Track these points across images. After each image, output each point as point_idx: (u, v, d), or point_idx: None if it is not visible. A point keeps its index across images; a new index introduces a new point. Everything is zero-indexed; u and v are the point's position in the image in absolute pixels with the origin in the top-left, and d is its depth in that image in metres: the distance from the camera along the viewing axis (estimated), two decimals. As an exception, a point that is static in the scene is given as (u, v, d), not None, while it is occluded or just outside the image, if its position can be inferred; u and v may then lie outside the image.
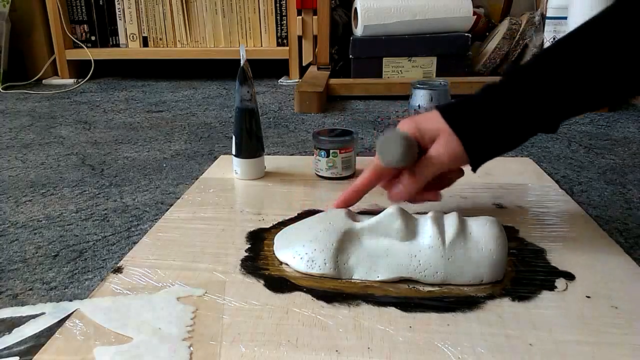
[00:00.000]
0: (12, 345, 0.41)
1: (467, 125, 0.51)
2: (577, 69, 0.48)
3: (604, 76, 0.48)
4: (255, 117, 0.73)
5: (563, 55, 0.49)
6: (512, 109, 0.50)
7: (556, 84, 0.49)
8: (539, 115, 0.50)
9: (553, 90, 0.49)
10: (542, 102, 0.49)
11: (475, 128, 0.51)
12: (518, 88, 0.50)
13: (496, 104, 0.51)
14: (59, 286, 0.50)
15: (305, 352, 0.39)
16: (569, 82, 0.49)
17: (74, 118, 1.23)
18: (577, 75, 0.48)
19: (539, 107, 0.50)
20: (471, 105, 0.52)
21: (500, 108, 0.51)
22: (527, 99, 0.50)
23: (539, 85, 0.49)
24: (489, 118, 0.51)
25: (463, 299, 0.45)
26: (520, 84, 0.50)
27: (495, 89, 0.52)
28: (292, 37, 1.63)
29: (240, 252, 0.54)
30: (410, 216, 0.50)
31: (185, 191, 0.72)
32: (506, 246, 0.48)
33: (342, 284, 0.48)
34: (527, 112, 0.50)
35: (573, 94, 0.49)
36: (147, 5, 1.69)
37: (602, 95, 0.51)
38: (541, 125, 0.51)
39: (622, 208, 0.66)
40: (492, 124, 0.51)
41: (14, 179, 0.81)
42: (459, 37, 1.38)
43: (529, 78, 0.50)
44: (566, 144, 0.94)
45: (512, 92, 0.50)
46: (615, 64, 0.48)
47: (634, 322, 0.42)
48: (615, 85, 0.49)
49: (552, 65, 0.49)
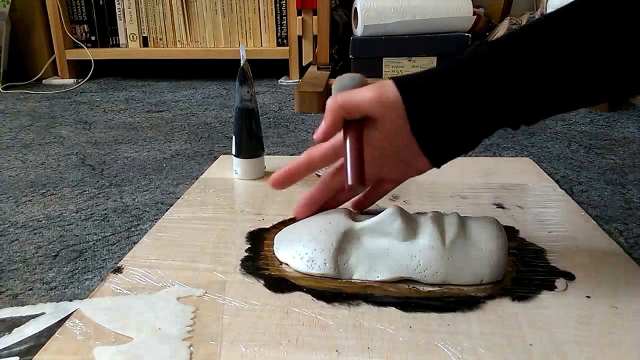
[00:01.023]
0: (12, 345, 0.41)
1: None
2: (553, 60, 0.41)
3: (587, 71, 0.41)
4: (255, 117, 0.73)
5: (539, 39, 0.42)
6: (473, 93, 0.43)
7: (522, 76, 0.42)
8: (502, 109, 0.43)
9: (517, 82, 0.42)
10: (506, 94, 0.43)
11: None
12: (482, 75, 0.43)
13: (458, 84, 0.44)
14: (59, 286, 0.50)
15: (305, 352, 0.39)
16: (541, 75, 0.42)
17: (74, 118, 1.23)
18: (551, 67, 0.41)
19: (502, 101, 0.43)
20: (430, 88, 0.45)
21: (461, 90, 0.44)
22: (491, 88, 0.43)
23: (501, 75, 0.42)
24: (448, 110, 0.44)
25: (463, 299, 0.45)
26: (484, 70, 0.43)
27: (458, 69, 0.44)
28: (292, 37, 1.63)
29: (240, 252, 0.54)
30: (410, 216, 0.50)
31: (185, 191, 0.72)
32: (506, 246, 0.48)
33: (342, 284, 0.48)
34: (490, 105, 0.43)
35: (542, 90, 0.42)
36: (147, 5, 1.69)
37: (581, 93, 0.43)
38: (506, 116, 0.44)
39: (622, 208, 0.66)
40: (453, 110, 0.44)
41: (14, 179, 0.81)
42: (459, 37, 1.38)
43: (493, 65, 0.43)
44: (566, 144, 0.94)
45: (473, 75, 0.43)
46: (600, 55, 0.41)
47: (634, 322, 0.42)
48: (600, 81, 0.42)
49: (525, 49, 0.42)
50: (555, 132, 1.02)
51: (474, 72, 0.44)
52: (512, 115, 0.45)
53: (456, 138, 0.46)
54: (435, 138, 0.46)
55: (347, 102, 0.47)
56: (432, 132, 0.46)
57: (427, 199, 0.66)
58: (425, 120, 0.45)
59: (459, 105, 0.44)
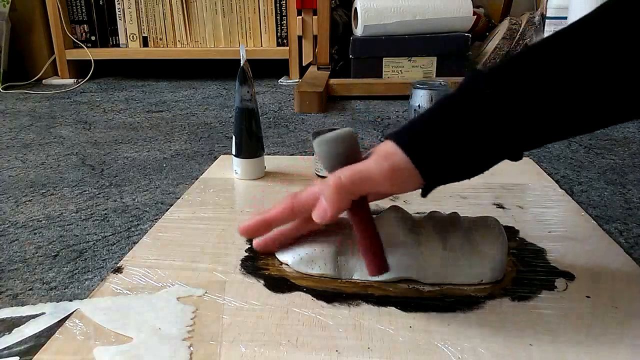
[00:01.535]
0: (12, 345, 0.41)
1: (416, 139, 0.41)
2: (549, 85, 0.39)
3: (586, 98, 0.39)
4: (255, 117, 0.73)
5: (535, 65, 0.40)
6: (469, 126, 0.41)
7: (522, 98, 0.39)
8: (502, 136, 0.41)
9: (518, 105, 0.39)
10: (505, 118, 0.40)
11: (429, 146, 0.41)
12: (477, 100, 0.40)
13: (452, 119, 0.41)
14: (59, 286, 0.50)
15: (305, 352, 0.39)
16: (539, 98, 0.39)
17: (74, 118, 1.23)
18: (547, 93, 0.39)
19: (501, 127, 0.40)
20: (424, 123, 0.43)
21: (456, 124, 0.41)
22: (488, 116, 0.40)
23: (501, 98, 0.40)
24: (444, 135, 0.41)
25: (463, 299, 0.45)
26: (480, 95, 0.40)
27: (452, 102, 0.42)
28: (292, 37, 1.63)
29: (240, 252, 0.54)
30: (411, 216, 0.50)
31: (185, 191, 0.72)
32: (506, 246, 0.48)
33: (342, 284, 0.48)
34: (488, 131, 0.41)
35: (540, 118, 0.40)
36: (147, 5, 1.69)
37: (580, 120, 0.41)
38: (504, 153, 0.43)
39: (622, 208, 0.66)
40: (448, 142, 0.41)
41: (14, 179, 0.81)
42: (459, 37, 1.38)
43: (490, 90, 0.40)
44: (566, 144, 0.94)
45: (469, 105, 0.41)
46: (601, 80, 0.38)
47: (634, 322, 0.42)
48: (598, 109, 0.40)
49: (521, 74, 0.40)
50: (555, 132, 1.01)
51: (473, 109, 0.41)
52: (512, 147, 0.43)
53: (457, 170, 0.43)
54: (433, 164, 0.42)
55: (357, 185, 0.42)
56: (430, 157, 0.42)
57: (427, 199, 0.66)
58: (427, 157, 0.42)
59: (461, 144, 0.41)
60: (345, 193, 0.42)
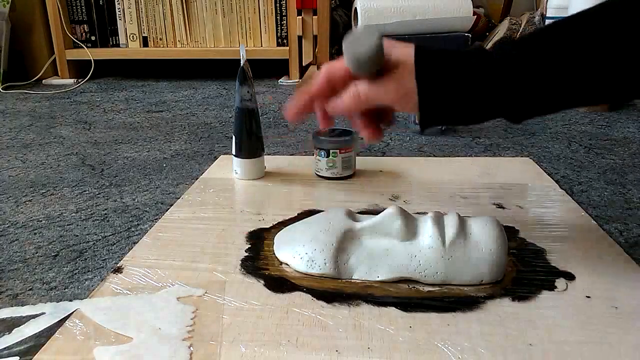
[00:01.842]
0: (12, 345, 0.41)
1: (432, 74, 0.47)
2: (563, 61, 0.45)
3: (591, 72, 0.44)
4: (255, 117, 0.73)
5: (551, 41, 0.46)
6: (485, 83, 0.47)
7: (538, 74, 0.45)
8: (510, 99, 0.47)
9: (533, 78, 0.45)
10: (517, 87, 0.46)
11: (439, 83, 0.47)
12: (498, 64, 0.46)
13: (471, 69, 0.47)
14: (59, 286, 0.50)
15: (305, 352, 0.39)
16: (554, 73, 0.45)
17: (74, 118, 1.23)
18: (560, 67, 0.45)
19: (512, 92, 0.46)
20: (447, 59, 0.49)
21: (472, 75, 0.47)
22: (503, 79, 0.46)
23: (519, 69, 0.46)
24: (458, 80, 0.47)
25: (463, 299, 0.45)
26: (503, 60, 0.46)
27: (478, 56, 0.48)
28: (292, 37, 1.63)
29: (240, 252, 0.54)
30: (411, 216, 0.50)
31: (185, 191, 0.72)
32: (506, 246, 0.48)
33: (342, 284, 0.48)
34: (499, 92, 0.46)
35: (555, 87, 0.46)
36: (147, 5, 1.69)
37: (585, 93, 0.46)
38: (507, 111, 0.48)
39: (622, 208, 0.66)
40: (458, 87, 0.47)
41: (14, 179, 0.81)
42: (459, 37, 1.38)
43: (514, 58, 0.46)
44: (566, 144, 0.94)
45: (491, 66, 0.47)
46: (608, 60, 0.44)
47: (634, 322, 0.42)
48: (599, 83, 0.45)
49: (538, 50, 0.45)
50: (555, 132, 1.02)
51: (487, 59, 0.47)
52: (514, 104, 0.47)
53: (455, 105, 0.48)
54: (436, 102, 0.48)
55: (372, 102, 0.49)
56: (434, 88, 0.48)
57: (427, 199, 0.66)
58: (431, 79, 0.48)
59: (467, 77, 0.47)
60: (363, 103, 0.50)
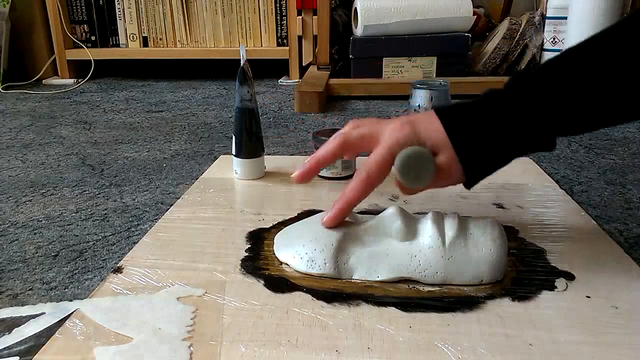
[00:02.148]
0: (12, 345, 0.41)
1: (467, 141, 0.47)
2: (588, 83, 0.45)
3: (617, 93, 0.44)
4: (255, 117, 0.73)
5: (572, 66, 0.46)
6: (511, 123, 0.46)
7: (560, 96, 0.45)
8: (540, 130, 0.47)
9: (557, 102, 0.45)
10: (545, 115, 0.46)
11: (476, 145, 0.47)
12: (520, 99, 0.46)
13: (496, 115, 0.47)
14: (59, 286, 0.50)
15: (305, 352, 0.39)
16: (577, 97, 0.45)
17: (74, 118, 1.23)
18: (586, 89, 0.45)
19: (540, 122, 0.46)
20: (471, 116, 0.48)
21: (500, 121, 0.47)
22: (529, 112, 0.46)
23: (541, 97, 0.45)
24: (489, 133, 0.47)
25: (463, 299, 0.45)
26: (523, 94, 0.46)
27: (498, 98, 0.48)
28: (292, 37, 1.63)
29: (240, 252, 0.54)
30: (411, 216, 0.50)
31: (185, 191, 0.72)
32: (506, 246, 0.48)
33: (342, 284, 0.48)
34: (528, 126, 0.46)
35: (580, 110, 0.46)
36: (147, 5, 1.69)
37: (611, 114, 0.46)
38: (541, 140, 0.48)
39: (622, 208, 0.66)
40: (492, 140, 0.47)
41: (14, 179, 0.81)
42: (459, 37, 1.38)
43: (533, 88, 0.46)
44: (566, 144, 0.94)
45: (513, 103, 0.46)
46: (630, 80, 0.44)
47: (634, 322, 0.42)
48: (630, 104, 0.45)
49: (560, 77, 0.45)
50: (555, 132, 1.01)
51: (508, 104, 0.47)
52: (549, 137, 0.48)
53: (491, 157, 0.49)
54: (479, 167, 0.49)
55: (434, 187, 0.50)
56: (478, 165, 0.49)
57: (427, 199, 0.66)
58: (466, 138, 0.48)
59: (505, 130, 0.47)
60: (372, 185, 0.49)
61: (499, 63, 1.42)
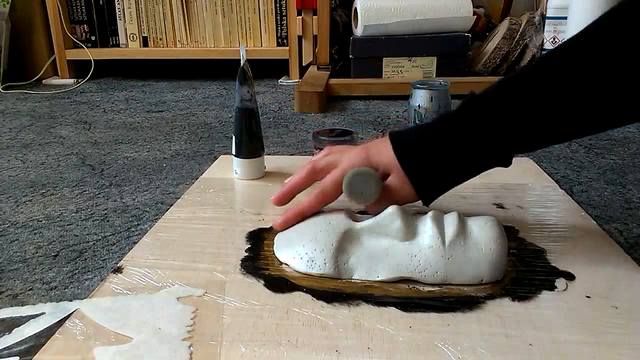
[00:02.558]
0: (12, 345, 0.41)
1: (417, 163, 0.51)
2: (538, 100, 0.46)
3: (570, 110, 0.46)
4: (255, 117, 0.73)
5: (523, 86, 0.47)
6: (463, 144, 0.49)
7: (511, 118, 0.47)
8: (493, 151, 0.49)
9: (508, 124, 0.47)
10: (496, 137, 0.48)
11: (425, 167, 0.50)
12: (471, 121, 0.48)
13: (448, 138, 0.49)
14: (59, 286, 0.50)
15: (305, 352, 0.39)
16: (527, 115, 0.47)
17: (74, 118, 1.23)
18: (536, 107, 0.46)
19: (492, 143, 0.48)
20: (422, 138, 0.51)
21: (451, 143, 0.49)
22: (480, 134, 0.48)
23: (492, 119, 0.48)
24: (439, 155, 0.50)
25: (463, 299, 0.45)
26: (474, 116, 0.48)
27: (450, 121, 0.50)
28: (292, 37, 1.63)
29: (240, 252, 0.54)
30: (410, 216, 0.50)
31: (185, 191, 0.72)
32: (506, 246, 0.48)
33: (342, 284, 0.48)
34: (481, 148, 0.49)
35: (531, 128, 0.48)
36: (147, 5, 1.69)
37: (565, 129, 0.48)
38: (495, 160, 0.50)
39: (622, 208, 0.66)
40: (443, 161, 0.50)
41: (14, 179, 0.81)
42: (459, 37, 1.38)
43: (484, 110, 0.48)
44: (566, 144, 0.94)
45: (464, 125, 0.49)
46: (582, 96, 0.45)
47: (634, 322, 0.42)
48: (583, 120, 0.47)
49: (511, 95, 0.47)
50: (555, 132, 1.01)
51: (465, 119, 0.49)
52: (502, 155, 0.50)
53: (450, 179, 0.52)
54: (430, 184, 0.52)
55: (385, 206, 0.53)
56: (429, 183, 0.52)
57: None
58: (424, 177, 0.51)
59: (454, 149, 0.50)
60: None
61: (499, 63, 1.42)
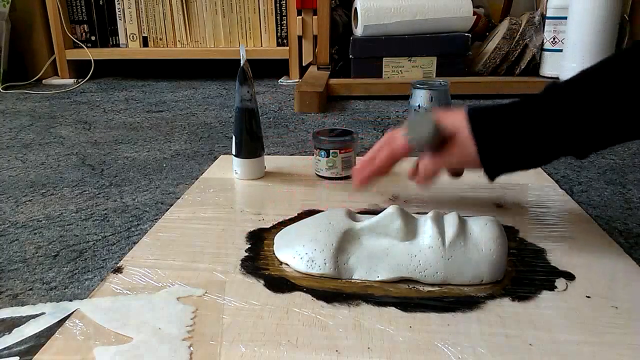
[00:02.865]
0: (12, 345, 0.41)
1: (487, 131, 0.50)
2: (623, 93, 0.45)
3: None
4: (255, 117, 0.73)
5: (608, 76, 0.46)
6: (541, 126, 0.47)
7: (596, 108, 0.46)
8: (571, 138, 0.47)
9: (591, 113, 0.46)
10: (577, 124, 0.46)
11: (496, 137, 0.49)
12: (553, 105, 0.47)
13: (525, 116, 0.48)
14: (59, 286, 0.50)
15: (305, 352, 0.39)
16: (612, 106, 0.45)
17: (74, 118, 1.23)
18: (622, 99, 0.45)
19: (571, 130, 0.47)
20: (499, 112, 0.50)
21: (528, 122, 0.48)
22: (561, 118, 0.46)
23: (575, 106, 0.46)
24: (514, 130, 0.48)
25: (463, 299, 0.45)
26: (556, 101, 0.47)
27: (530, 102, 0.49)
28: (292, 37, 1.63)
29: (240, 252, 0.54)
30: (410, 216, 0.50)
31: (185, 191, 0.72)
32: (506, 246, 0.48)
33: (342, 284, 0.48)
34: (558, 132, 0.47)
35: (614, 120, 0.46)
36: (147, 5, 1.69)
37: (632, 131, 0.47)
38: (570, 149, 0.48)
39: (622, 208, 0.66)
40: (516, 136, 0.49)
41: (14, 179, 0.81)
42: (459, 37, 1.38)
43: (567, 97, 0.47)
44: (566, 144, 0.94)
45: (545, 109, 0.47)
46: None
47: (634, 322, 0.42)
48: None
49: (595, 86, 0.46)
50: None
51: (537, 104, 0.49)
52: (579, 144, 0.49)
53: (515, 154, 0.51)
54: (497, 156, 0.51)
55: (440, 171, 0.56)
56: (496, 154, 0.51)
57: (427, 199, 0.66)
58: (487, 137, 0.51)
59: (521, 126, 0.49)
60: (431, 177, 0.56)
61: (499, 63, 1.42)
